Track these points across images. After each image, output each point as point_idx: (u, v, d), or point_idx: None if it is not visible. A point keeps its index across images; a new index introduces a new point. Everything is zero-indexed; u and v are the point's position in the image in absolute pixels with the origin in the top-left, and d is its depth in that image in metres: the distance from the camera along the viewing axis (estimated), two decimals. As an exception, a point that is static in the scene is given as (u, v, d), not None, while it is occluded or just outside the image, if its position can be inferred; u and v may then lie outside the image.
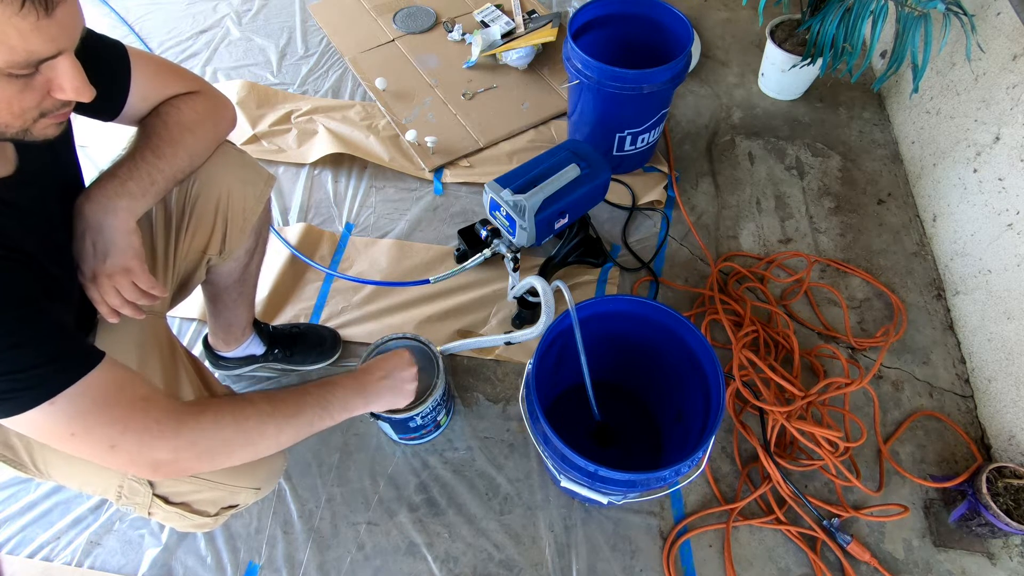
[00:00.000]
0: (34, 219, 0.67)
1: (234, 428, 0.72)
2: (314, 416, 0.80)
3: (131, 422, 0.64)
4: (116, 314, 0.78)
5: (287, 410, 0.77)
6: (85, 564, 1.17)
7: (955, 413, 1.34)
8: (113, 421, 0.63)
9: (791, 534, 1.19)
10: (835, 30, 1.51)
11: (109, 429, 0.63)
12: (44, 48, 0.52)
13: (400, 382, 0.93)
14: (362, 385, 0.88)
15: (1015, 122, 1.31)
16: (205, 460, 0.71)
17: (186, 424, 0.68)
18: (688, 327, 1.05)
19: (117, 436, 0.64)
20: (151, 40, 2.12)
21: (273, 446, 0.76)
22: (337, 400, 0.83)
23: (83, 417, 0.62)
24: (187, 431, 0.68)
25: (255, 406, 0.75)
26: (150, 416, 0.66)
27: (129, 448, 0.65)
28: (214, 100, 0.87)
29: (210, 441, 0.70)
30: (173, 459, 0.68)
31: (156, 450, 0.66)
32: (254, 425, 0.73)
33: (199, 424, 0.69)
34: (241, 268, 1.07)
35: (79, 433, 0.62)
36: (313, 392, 0.81)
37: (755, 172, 1.75)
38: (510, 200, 1.17)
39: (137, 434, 0.65)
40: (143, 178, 0.76)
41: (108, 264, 0.74)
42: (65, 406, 0.60)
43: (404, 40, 2.07)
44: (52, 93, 0.56)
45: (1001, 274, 1.32)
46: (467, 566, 1.16)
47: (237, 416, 0.72)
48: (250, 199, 0.96)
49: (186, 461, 0.69)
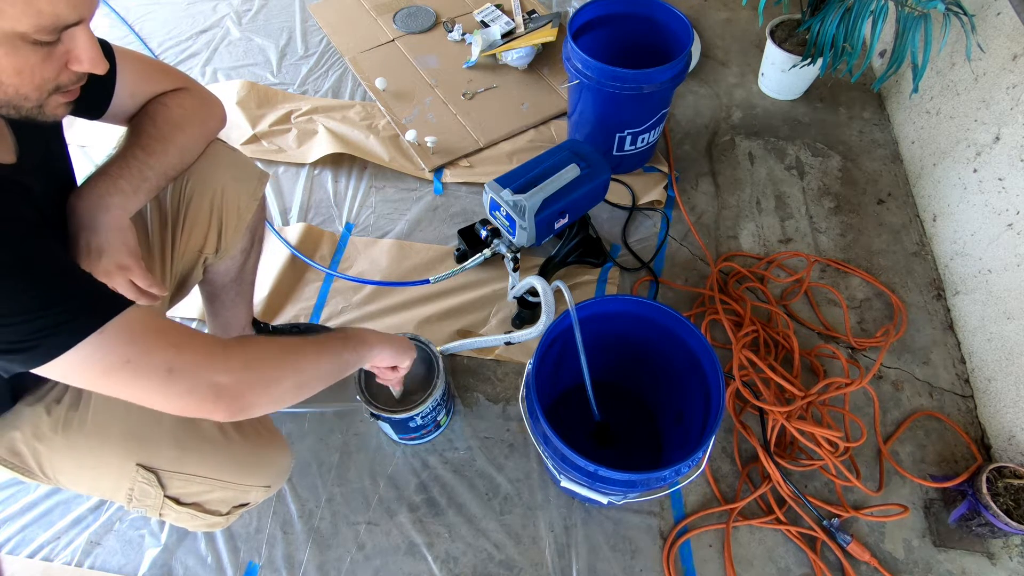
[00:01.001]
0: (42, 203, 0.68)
1: (279, 350, 0.72)
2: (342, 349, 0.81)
3: (185, 345, 0.63)
4: None
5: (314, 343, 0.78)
6: (85, 564, 1.17)
7: (955, 413, 1.34)
8: (167, 345, 0.62)
9: (791, 534, 1.19)
10: (835, 30, 1.51)
11: (164, 352, 0.61)
12: (69, 14, 0.53)
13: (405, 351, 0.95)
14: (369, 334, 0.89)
15: (1015, 122, 1.31)
16: (262, 386, 0.69)
17: (235, 349, 0.68)
18: (688, 327, 1.05)
19: (174, 357, 0.62)
20: (151, 40, 2.12)
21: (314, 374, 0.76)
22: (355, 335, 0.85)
23: (136, 342, 0.60)
24: (238, 354, 0.67)
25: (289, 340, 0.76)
26: (198, 340, 0.65)
27: (188, 370, 0.63)
28: (201, 97, 0.87)
29: (262, 363, 0.69)
30: (234, 382, 0.66)
31: (215, 372, 0.65)
32: (294, 348, 0.74)
33: (246, 349, 0.69)
34: (238, 267, 1.08)
35: (134, 358, 0.60)
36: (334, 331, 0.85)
37: (755, 172, 1.75)
38: (510, 200, 1.17)
39: (194, 355, 0.63)
40: (134, 175, 0.76)
41: (104, 262, 0.74)
42: (116, 332, 0.59)
43: (404, 40, 2.07)
44: (69, 64, 0.57)
45: (1001, 274, 1.32)
46: (467, 566, 1.16)
47: (277, 343, 0.74)
48: (244, 197, 0.96)
49: (246, 385, 0.68)
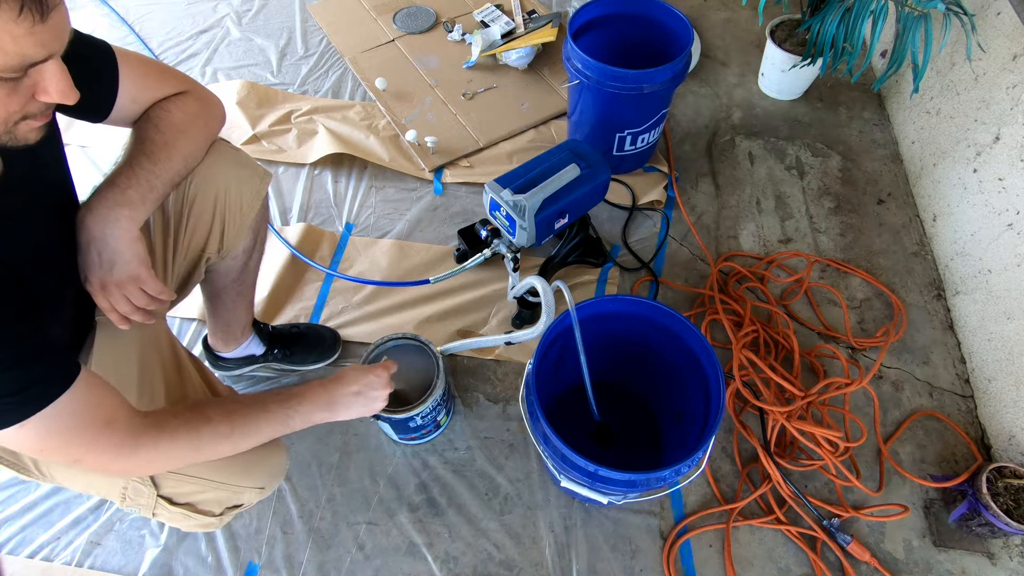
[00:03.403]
0: (20, 224, 0.67)
1: (188, 447, 0.74)
2: (271, 432, 0.81)
3: (95, 444, 0.67)
4: (127, 321, 0.78)
5: (244, 429, 0.78)
6: (85, 564, 1.17)
7: (955, 413, 1.34)
8: (80, 443, 0.66)
9: (791, 534, 1.19)
10: (835, 30, 1.51)
11: (75, 449, 0.67)
12: (36, 53, 0.52)
13: (371, 400, 0.92)
14: (331, 398, 0.87)
15: (1015, 122, 1.31)
16: (156, 471, 0.78)
17: (142, 447, 0.70)
18: (688, 327, 1.05)
19: (82, 454, 0.67)
20: (151, 40, 2.12)
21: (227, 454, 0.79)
22: (300, 415, 0.83)
23: (51, 437, 0.64)
24: (143, 451, 0.71)
25: (212, 425, 0.75)
26: (113, 439, 0.68)
27: (92, 463, 0.69)
28: (203, 99, 0.87)
29: (165, 460, 0.74)
30: (129, 471, 0.75)
31: (115, 465, 0.71)
32: (207, 445, 0.75)
33: (156, 446, 0.71)
34: (240, 267, 1.07)
35: (46, 451, 0.66)
36: (273, 410, 0.81)
37: (755, 172, 1.75)
38: (510, 200, 1.17)
39: (99, 454, 0.68)
40: (142, 184, 0.76)
41: (116, 273, 0.74)
42: (36, 427, 0.62)
43: (404, 40, 2.07)
44: (37, 96, 0.56)
45: (1001, 274, 1.32)
46: (467, 566, 1.16)
47: (193, 436, 0.74)
48: (247, 196, 0.96)
49: (140, 473, 0.77)
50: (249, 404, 0.80)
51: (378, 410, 0.94)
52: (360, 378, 0.91)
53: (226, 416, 0.77)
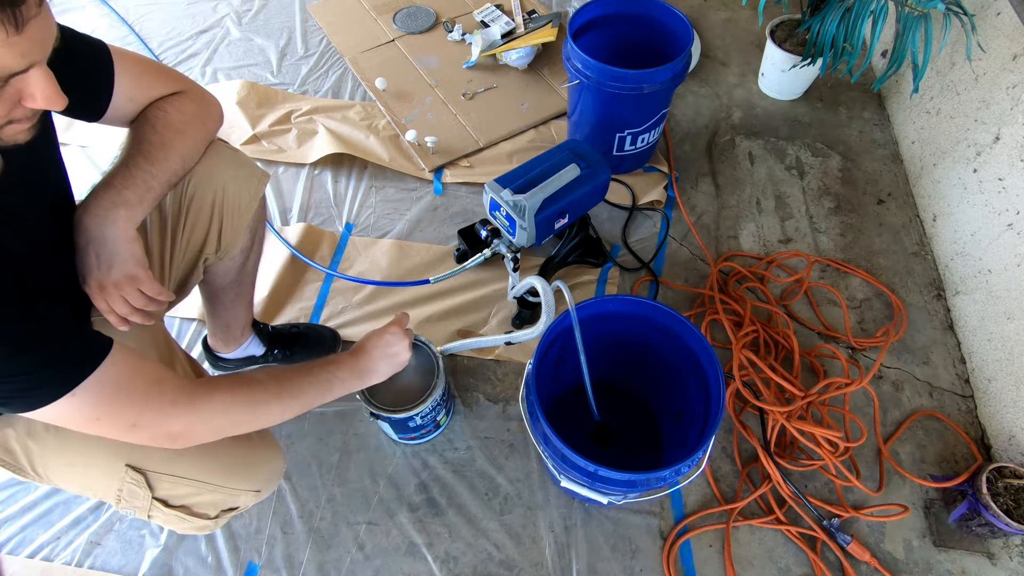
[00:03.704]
0: (22, 221, 0.67)
1: (243, 407, 0.77)
2: (317, 395, 0.85)
3: (149, 402, 0.69)
4: (125, 322, 0.79)
5: (292, 390, 0.82)
6: (85, 564, 1.17)
7: (955, 413, 1.34)
8: (132, 403, 0.68)
9: (791, 534, 1.19)
10: (835, 30, 1.51)
11: (130, 411, 0.68)
12: (15, 63, 0.51)
13: (394, 356, 0.97)
14: (361, 365, 0.92)
15: (1015, 122, 1.31)
16: (215, 432, 0.77)
17: (199, 402, 0.73)
18: (688, 327, 1.05)
19: (137, 416, 0.69)
20: (151, 40, 2.12)
21: (275, 421, 0.82)
22: (338, 381, 0.88)
23: (105, 403, 0.66)
24: (200, 408, 0.73)
25: (263, 386, 0.79)
26: (165, 396, 0.70)
27: (149, 425, 0.70)
28: (200, 99, 0.87)
29: (221, 417, 0.76)
30: (186, 431, 0.73)
31: (172, 425, 0.72)
32: (262, 404, 0.79)
33: (211, 402, 0.74)
34: (238, 267, 1.07)
35: (103, 417, 0.67)
36: (316, 373, 0.86)
37: (755, 172, 1.75)
38: (510, 200, 1.17)
39: (155, 413, 0.70)
40: (139, 185, 0.76)
41: (113, 274, 0.75)
42: (85, 396, 0.64)
43: (404, 40, 2.07)
44: (23, 102, 0.56)
45: (1001, 274, 1.32)
46: (467, 566, 1.17)
47: (246, 395, 0.78)
48: (244, 196, 0.96)
49: (198, 433, 0.75)
50: (294, 368, 0.85)
51: (406, 362, 0.99)
52: (378, 342, 0.95)
53: (273, 378, 0.81)
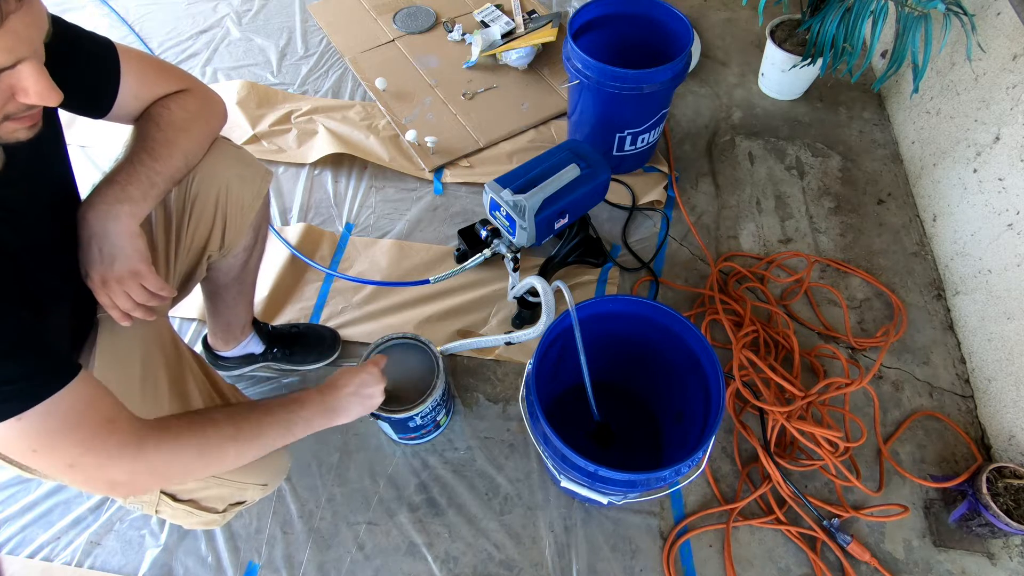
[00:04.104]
0: (23, 219, 0.67)
1: (194, 452, 0.71)
2: (277, 437, 0.80)
3: (93, 444, 0.63)
4: (128, 317, 0.78)
5: (249, 432, 0.77)
6: (85, 564, 1.17)
7: (955, 413, 1.34)
8: (76, 442, 0.62)
9: (791, 534, 1.19)
10: (835, 30, 1.51)
11: (71, 449, 0.62)
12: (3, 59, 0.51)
13: (367, 397, 0.92)
14: (328, 403, 0.87)
15: (1015, 122, 1.31)
16: (161, 481, 0.73)
17: (147, 448, 0.67)
18: (688, 327, 1.05)
19: (77, 456, 0.63)
20: (151, 40, 2.12)
21: (232, 465, 0.76)
22: (301, 420, 0.83)
23: (47, 435, 0.61)
24: (147, 455, 0.67)
25: (218, 428, 0.73)
26: (113, 439, 0.65)
27: (87, 468, 0.64)
28: (204, 97, 0.88)
29: (168, 465, 0.70)
30: (129, 480, 0.67)
31: (113, 472, 0.66)
32: (214, 449, 0.73)
33: (159, 449, 0.68)
34: (240, 265, 1.08)
35: (40, 450, 0.61)
36: (276, 412, 0.81)
37: (755, 172, 1.75)
38: (510, 200, 1.17)
39: (97, 456, 0.64)
40: (142, 181, 0.76)
41: (116, 269, 0.75)
42: (32, 422, 0.59)
43: (404, 40, 2.07)
44: (16, 97, 0.55)
45: (1001, 274, 1.32)
46: (467, 566, 1.16)
47: (199, 440, 0.71)
48: (248, 195, 0.96)
49: (142, 482, 0.69)
50: (253, 409, 0.79)
51: (376, 407, 0.95)
52: (352, 379, 0.91)
53: (230, 420, 0.75)
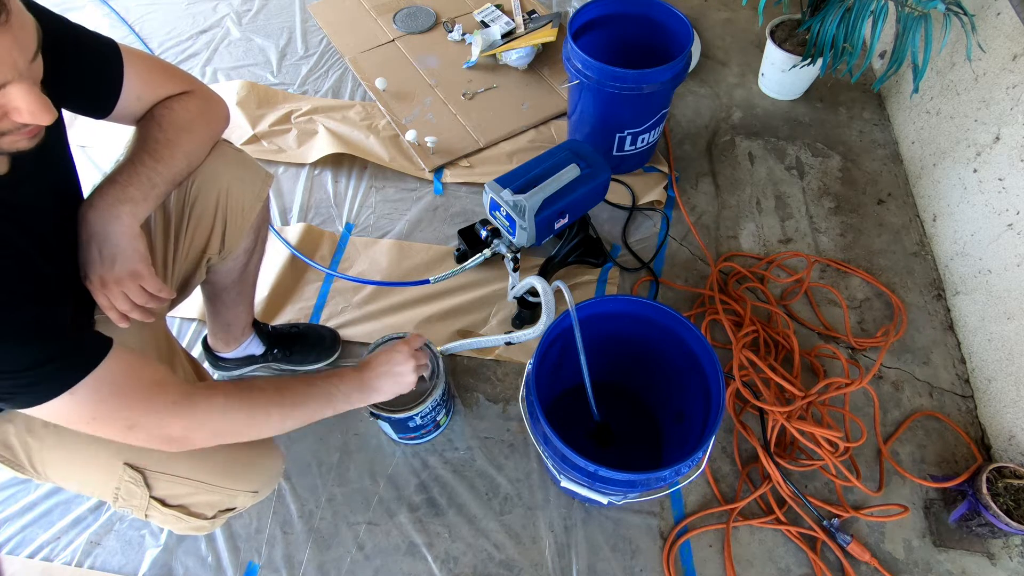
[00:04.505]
0: (29, 218, 0.68)
1: (243, 413, 0.76)
2: (318, 407, 0.84)
3: (148, 404, 0.69)
4: (126, 319, 0.78)
5: (294, 399, 0.81)
6: (85, 564, 1.17)
7: (955, 413, 1.34)
8: (131, 404, 0.68)
9: (791, 534, 1.19)
10: (835, 30, 1.51)
11: (128, 412, 0.68)
12: None
13: (400, 375, 0.94)
14: (364, 381, 0.90)
15: (1015, 122, 1.31)
16: (213, 438, 0.76)
17: (199, 406, 0.72)
18: (688, 327, 1.05)
19: (136, 417, 0.68)
20: (151, 40, 2.12)
21: (276, 431, 0.81)
22: (340, 394, 0.86)
23: (103, 402, 0.66)
24: (200, 412, 0.72)
25: (264, 393, 0.78)
26: (166, 398, 0.70)
27: (147, 427, 0.69)
28: (206, 99, 0.88)
29: (219, 422, 0.75)
30: (184, 435, 0.73)
31: (170, 427, 0.71)
32: (261, 411, 0.78)
33: (211, 406, 0.73)
34: (240, 267, 1.08)
35: (100, 417, 0.66)
36: (319, 384, 0.85)
37: (755, 172, 1.75)
38: (510, 200, 1.17)
39: (154, 415, 0.69)
40: (143, 182, 0.76)
41: (116, 270, 0.75)
42: (85, 394, 0.63)
43: (404, 40, 2.07)
44: (10, 116, 0.55)
45: (1001, 274, 1.32)
46: (467, 566, 1.17)
47: (246, 401, 0.76)
48: (248, 197, 0.96)
49: (196, 437, 0.74)
50: (295, 379, 0.84)
51: (411, 385, 0.96)
52: (386, 359, 0.94)
53: (274, 386, 0.80)
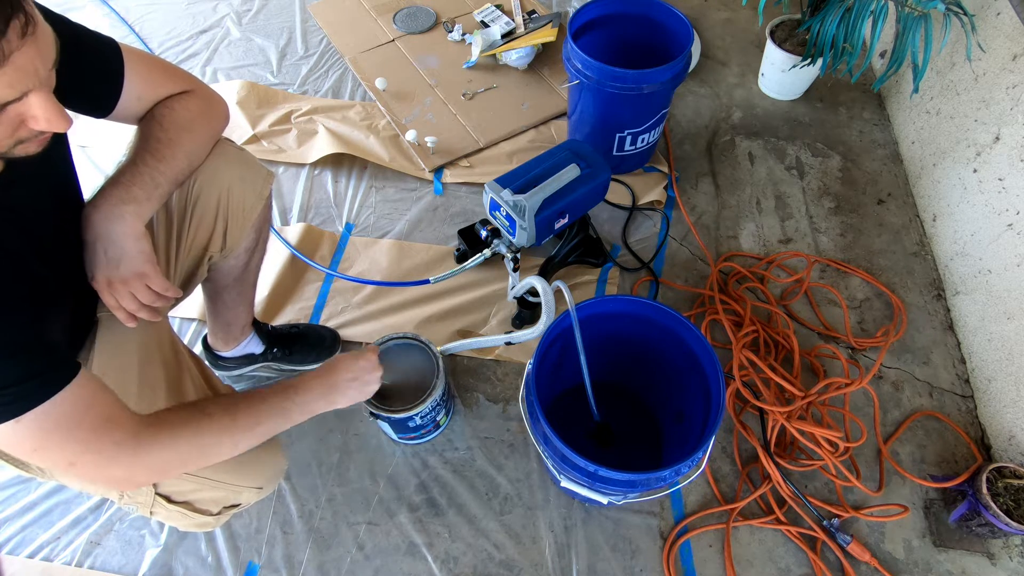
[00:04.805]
0: (24, 219, 0.68)
1: (190, 444, 0.72)
2: (273, 425, 0.80)
3: (92, 443, 0.65)
4: (133, 318, 0.78)
5: (245, 421, 0.77)
6: (85, 564, 1.17)
7: (955, 413, 1.34)
8: (75, 441, 0.64)
9: (791, 534, 1.19)
10: (835, 30, 1.51)
11: (71, 447, 0.64)
12: (6, 94, 0.51)
13: (365, 384, 0.93)
14: (327, 387, 0.88)
15: (1015, 122, 1.31)
16: (158, 476, 0.74)
17: (143, 445, 0.68)
18: (688, 327, 1.05)
19: (77, 455, 0.65)
20: (151, 40, 2.12)
21: (228, 455, 0.77)
22: (297, 406, 0.83)
23: (47, 435, 0.62)
24: (144, 451, 0.68)
25: (213, 420, 0.74)
26: (111, 437, 0.66)
27: (87, 466, 0.66)
28: (207, 98, 0.88)
29: (166, 459, 0.71)
30: (127, 476, 0.70)
31: (112, 469, 0.68)
32: (210, 440, 0.74)
33: (156, 444, 0.69)
34: (242, 266, 1.08)
35: (40, 449, 0.63)
36: (271, 400, 0.81)
37: (755, 172, 1.75)
38: (510, 200, 1.17)
39: (96, 455, 0.65)
40: (147, 182, 0.76)
41: (122, 270, 0.75)
42: (30, 424, 0.60)
43: (404, 40, 2.07)
44: (27, 124, 0.56)
45: (1001, 274, 1.32)
46: (467, 566, 1.16)
47: (194, 432, 0.72)
48: (250, 196, 0.96)
49: (139, 478, 0.71)
50: (248, 398, 0.80)
51: (371, 393, 0.95)
52: (352, 365, 0.92)
53: (225, 410, 0.76)
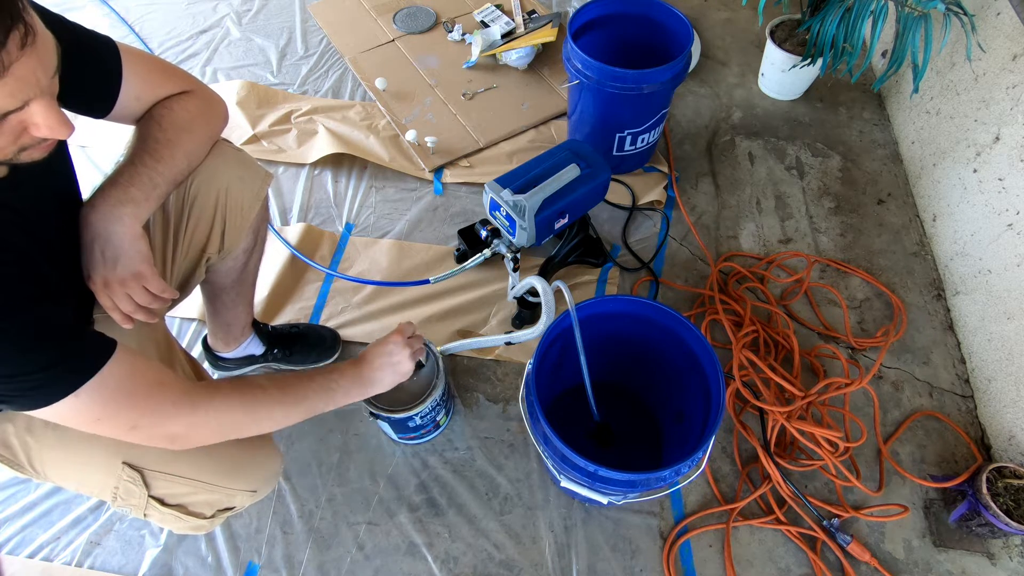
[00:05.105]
0: (29, 220, 0.68)
1: (243, 410, 0.77)
2: (318, 402, 0.85)
3: (150, 404, 0.70)
4: (130, 319, 0.78)
5: (294, 395, 0.82)
6: (85, 564, 1.17)
7: (955, 413, 1.34)
8: (134, 405, 0.69)
9: (791, 534, 1.19)
10: (835, 30, 1.51)
11: (130, 412, 0.69)
12: (6, 103, 0.51)
13: (397, 365, 0.95)
14: (362, 375, 0.91)
15: (1015, 122, 1.31)
16: (216, 435, 0.77)
17: (199, 405, 0.73)
18: (688, 327, 1.05)
19: (137, 417, 0.69)
20: (151, 40, 2.12)
21: (277, 426, 0.82)
22: (340, 389, 0.88)
23: (106, 404, 0.66)
24: (201, 411, 0.73)
25: (264, 391, 0.80)
26: (167, 398, 0.71)
27: (149, 427, 0.71)
28: (206, 98, 0.88)
29: (221, 420, 0.76)
30: (186, 433, 0.74)
31: (172, 426, 0.72)
32: (262, 408, 0.79)
33: (211, 405, 0.74)
34: (240, 267, 1.08)
35: (104, 418, 0.67)
36: (318, 380, 0.86)
37: (755, 172, 1.75)
38: (510, 200, 1.17)
39: (155, 415, 0.70)
40: (145, 183, 0.76)
41: (119, 271, 0.75)
42: (89, 396, 0.64)
43: (404, 40, 2.07)
44: (29, 131, 0.56)
45: (1001, 274, 1.32)
46: (467, 566, 1.17)
47: (247, 399, 0.78)
48: (247, 197, 0.96)
49: (198, 435, 0.76)
50: (295, 375, 0.85)
51: (408, 372, 0.97)
52: (380, 351, 0.94)
53: (275, 383, 0.81)
